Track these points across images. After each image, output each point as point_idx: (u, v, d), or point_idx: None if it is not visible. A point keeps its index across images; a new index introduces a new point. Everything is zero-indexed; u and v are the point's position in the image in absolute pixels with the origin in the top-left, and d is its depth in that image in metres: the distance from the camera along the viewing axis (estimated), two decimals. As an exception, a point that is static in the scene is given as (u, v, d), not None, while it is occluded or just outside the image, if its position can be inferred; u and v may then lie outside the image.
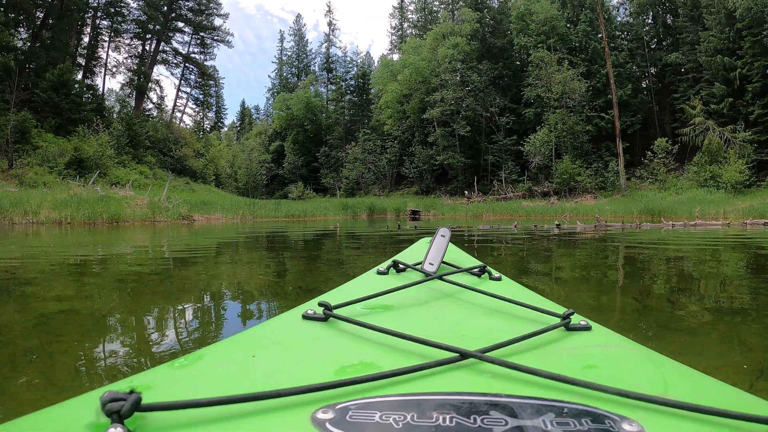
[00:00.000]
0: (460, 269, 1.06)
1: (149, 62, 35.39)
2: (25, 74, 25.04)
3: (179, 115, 39.67)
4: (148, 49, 35.88)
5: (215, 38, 39.34)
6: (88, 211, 13.20)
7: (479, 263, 1.10)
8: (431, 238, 1.19)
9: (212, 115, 49.36)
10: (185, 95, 40.30)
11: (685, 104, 25.04)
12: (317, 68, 50.06)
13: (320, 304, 0.69)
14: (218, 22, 39.52)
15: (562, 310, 0.75)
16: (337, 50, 60.76)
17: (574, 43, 30.04)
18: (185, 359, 0.54)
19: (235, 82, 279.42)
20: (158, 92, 38.50)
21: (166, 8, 35.16)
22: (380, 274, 1.04)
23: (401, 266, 1.05)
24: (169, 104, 39.38)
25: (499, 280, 1.02)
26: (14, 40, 25.61)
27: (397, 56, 41.70)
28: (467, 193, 28.71)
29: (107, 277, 3.61)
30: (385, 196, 31.82)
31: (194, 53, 39.24)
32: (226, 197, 25.30)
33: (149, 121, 32.04)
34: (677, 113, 26.61)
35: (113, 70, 35.45)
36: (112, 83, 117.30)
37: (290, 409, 0.42)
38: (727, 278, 3.48)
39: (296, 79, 51.12)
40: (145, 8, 33.95)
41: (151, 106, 36.64)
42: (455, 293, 0.89)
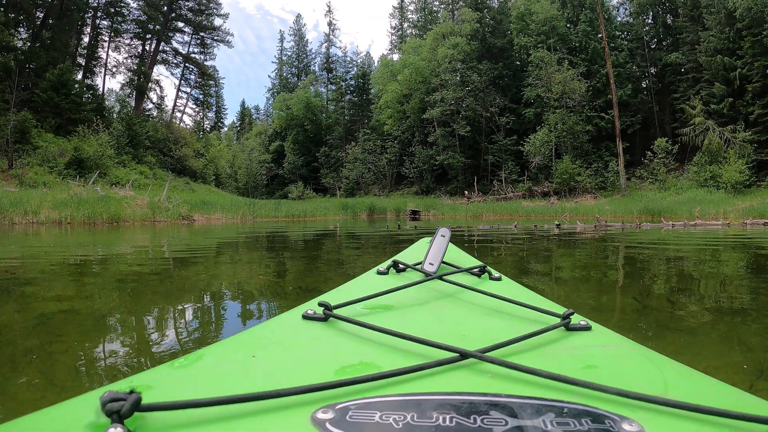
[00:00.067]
0: (460, 269, 1.06)
1: (149, 62, 35.39)
2: (25, 74, 25.04)
3: (179, 115, 39.74)
4: (148, 49, 35.92)
5: (215, 38, 39.41)
6: (88, 211, 13.20)
7: (479, 263, 1.10)
8: (431, 238, 1.19)
9: (212, 115, 49.49)
10: (185, 95, 40.36)
11: (685, 104, 25.04)
12: (317, 68, 50.13)
13: (320, 304, 0.69)
14: (218, 22, 39.61)
15: (562, 310, 0.75)
16: (337, 50, 60.87)
17: (574, 43, 30.03)
18: (185, 359, 0.54)
19: (235, 82, 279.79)
20: (158, 92, 38.58)
21: (166, 8, 35.17)
22: (380, 274, 1.04)
23: (401, 266, 1.05)
24: (169, 104, 39.46)
25: (499, 280, 1.02)
26: (14, 40, 25.61)
27: (397, 56, 41.75)
28: (467, 193, 28.70)
29: (107, 277, 3.61)
30: (385, 196, 31.82)
31: (194, 53, 39.30)
32: (226, 197, 25.30)
33: (149, 121, 32.04)
34: (677, 113, 26.61)
35: (113, 70, 35.54)
36: (112, 83, 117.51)
37: (290, 409, 0.42)
38: (727, 278, 3.48)
39: (296, 79, 51.12)
40: (145, 8, 33.95)
41: (151, 106, 36.70)
42: (455, 293, 0.89)
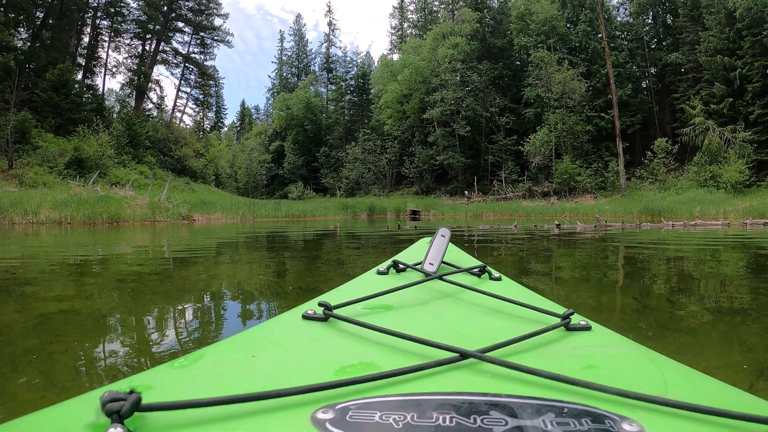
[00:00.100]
0: (460, 269, 1.06)
1: (149, 62, 35.40)
2: (25, 74, 25.04)
3: (179, 115, 39.74)
4: (148, 49, 35.92)
5: (215, 38, 39.41)
6: (88, 211, 13.20)
7: (479, 263, 1.10)
8: (431, 238, 1.19)
9: (212, 115, 49.50)
10: (185, 95, 40.36)
11: (685, 104, 25.04)
12: (317, 68, 50.13)
13: (320, 304, 0.69)
14: (218, 22, 39.62)
15: (562, 310, 0.75)
16: (337, 50, 60.87)
17: (574, 43, 30.03)
18: (185, 359, 0.54)
19: (235, 82, 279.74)
20: (158, 92, 38.58)
21: (166, 8, 35.17)
22: (380, 274, 1.04)
23: (401, 266, 1.05)
24: (169, 104, 39.46)
25: (499, 280, 1.02)
26: (14, 40, 25.61)
27: (397, 56, 41.75)
28: (467, 193, 28.70)
29: (107, 277, 3.61)
30: (385, 196, 31.81)
31: (194, 53, 39.30)
32: (226, 197, 25.30)
33: (149, 121, 32.04)
34: (677, 113, 26.60)
35: (113, 70, 35.54)
36: (112, 83, 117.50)
37: (290, 409, 0.42)
38: (727, 278, 3.48)
39: (296, 79, 51.13)
40: (145, 8, 33.96)
41: (151, 106, 36.70)
42: (455, 293, 0.89)
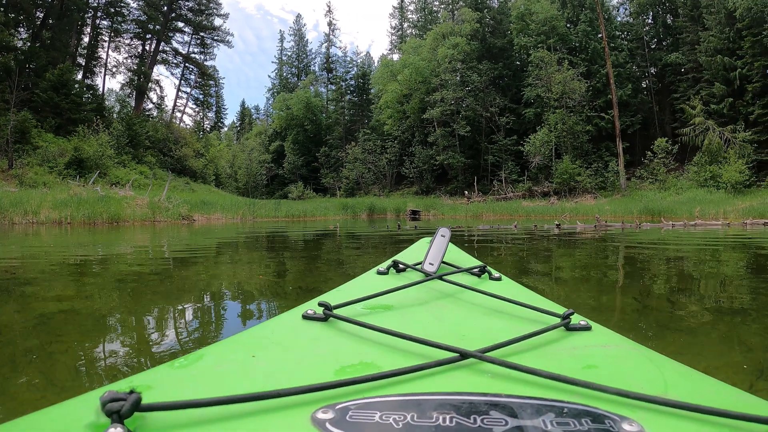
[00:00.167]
0: (460, 269, 1.06)
1: (149, 62, 35.40)
2: (25, 74, 25.03)
3: (179, 115, 39.74)
4: (148, 49, 35.92)
5: (215, 38, 39.41)
6: (88, 211, 13.20)
7: (479, 263, 1.10)
8: (431, 238, 1.19)
9: (212, 115, 49.50)
10: (185, 95, 40.37)
11: (685, 104, 25.04)
12: (317, 68, 50.14)
13: (320, 304, 0.69)
14: (218, 22, 39.62)
15: (562, 310, 0.75)
16: (337, 50, 60.89)
17: (574, 43, 30.03)
18: (185, 359, 0.54)
19: (235, 82, 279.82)
20: (158, 92, 38.59)
21: (166, 8, 35.17)
22: (380, 274, 1.04)
23: (401, 266, 1.05)
24: (169, 104, 39.46)
25: (499, 280, 1.02)
26: (14, 40, 25.61)
27: (397, 56, 41.75)
28: (467, 193, 28.70)
29: (107, 277, 3.61)
30: (385, 196, 31.81)
31: (194, 53, 39.30)
32: (226, 197, 25.30)
33: (149, 121, 32.04)
34: (677, 113, 26.60)
35: (113, 70, 35.55)
36: (112, 83, 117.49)
37: (290, 409, 0.42)
38: (727, 278, 3.48)
39: (296, 79, 51.13)
40: (145, 8, 33.95)
41: (151, 106, 36.70)
42: (455, 293, 0.89)
